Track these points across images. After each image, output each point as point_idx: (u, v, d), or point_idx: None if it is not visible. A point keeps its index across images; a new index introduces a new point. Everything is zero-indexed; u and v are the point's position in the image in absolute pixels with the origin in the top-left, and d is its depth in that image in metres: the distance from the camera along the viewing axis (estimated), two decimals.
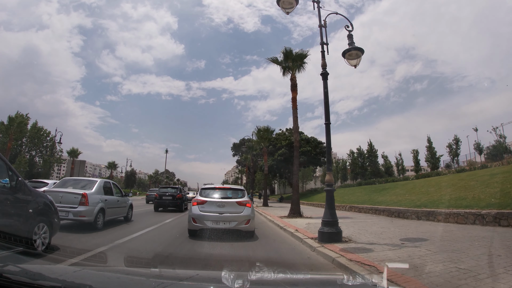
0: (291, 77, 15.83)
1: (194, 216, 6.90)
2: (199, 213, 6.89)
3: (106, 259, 4.11)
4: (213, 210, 6.90)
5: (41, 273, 1.67)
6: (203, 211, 6.90)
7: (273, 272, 1.84)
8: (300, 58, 15.77)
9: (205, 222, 6.79)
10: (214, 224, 6.80)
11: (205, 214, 6.85)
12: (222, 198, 7.22)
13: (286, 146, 37.73)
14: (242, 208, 7.03)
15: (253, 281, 1.76)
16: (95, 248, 5.12)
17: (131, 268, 2.78)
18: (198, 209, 6.94)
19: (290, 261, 5.12)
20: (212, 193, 7.43)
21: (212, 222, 6.80)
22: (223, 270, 1.84)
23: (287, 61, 15.89)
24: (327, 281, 2.10)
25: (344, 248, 5.38)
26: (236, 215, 6.92)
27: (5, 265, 1.62)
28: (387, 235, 7.04)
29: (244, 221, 6.91)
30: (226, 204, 7.03)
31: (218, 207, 6.96)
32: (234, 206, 7.01)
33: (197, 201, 7.09)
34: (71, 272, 2.01)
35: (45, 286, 1.43)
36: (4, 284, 1.40)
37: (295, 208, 13.85)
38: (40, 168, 37.71)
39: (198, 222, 6.83)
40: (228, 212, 6.92)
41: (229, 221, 6.83)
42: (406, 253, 4.85)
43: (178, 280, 1.85)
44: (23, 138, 38.15)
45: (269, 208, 21.78)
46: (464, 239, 5.99)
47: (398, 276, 3.46)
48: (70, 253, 4.58)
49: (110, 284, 1.79)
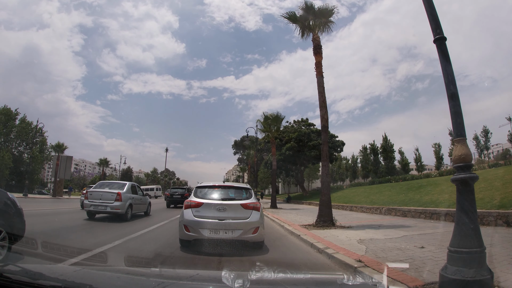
0: (313, 37, 12.07)
1: (186, 223, 5.44)
2: (192, 219, 5.41)
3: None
4: (211, 215, 5.43)
5: (42, 273, 1.67)
6: (198, 216, 5.44)
7: (273, 271, 1.84)
8: (324, 14, 12.12)
9: (200, 231, 5.32)
10: (213, 234, 5.32)
11: (200, 221, 5.38)
12: (222, 200, 5.74)
13: (295, 140, 33.43)
14: (249, 213, 5.54)
15: (253, 281, 1.75)
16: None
17: (131, 268, 2.78)
18: (192, 213, 5.48)
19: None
20: (210, 193, 5.97)
21: (210, 231, 5.33)
22: (223, 270, 1.84)
23: (308, 18, 12.25)
24: (327, 281, 2.10)
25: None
26: (241, 221, 5.45)
27: (6, 265, 1.63)
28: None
29: (251, 229, 5.44)
30: (228, 207, 5.54)
31: (218, 211, 5.48)
32: (239, 209, 5.55)
33: (190, 204, 5.62)
34: (71, 271, 2.02)
35: (46, 285, 1.43)
36: (4, 283, 1.40)
37: (326, 214, 9.55)
38: (28, 165, 34.15)
39: (191, 231, 5.37)
40: (231, 217, 5.45)
41: (232, 230, 5.36)
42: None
43: (179, 280, 1.85)
44: (11, 134, 35.49)
45: (280, 211, 17.71)
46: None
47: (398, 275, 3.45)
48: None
49: (110, 283, 1.79)
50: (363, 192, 21.63)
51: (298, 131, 34.04)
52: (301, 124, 36.61)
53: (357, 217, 12.76)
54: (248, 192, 6.08)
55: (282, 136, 33.78)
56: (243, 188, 6.21)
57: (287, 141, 33.64)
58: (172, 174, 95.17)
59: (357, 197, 20.48)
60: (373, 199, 17.60)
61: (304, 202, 29.83)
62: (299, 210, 18.19)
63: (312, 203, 25.31)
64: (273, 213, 15.83)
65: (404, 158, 31.22)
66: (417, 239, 6.21)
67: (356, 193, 23.01)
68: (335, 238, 6.77)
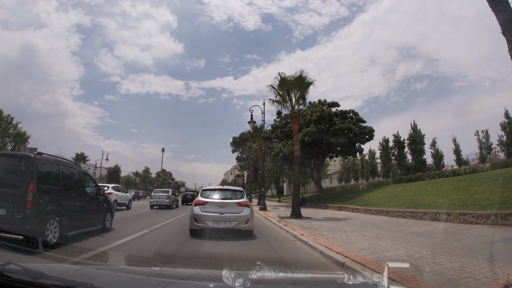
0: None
1: (195, 216, 7.21)
2: (200, 213, 7.22)
3: None
4: (214, 211, 7.24)
5: (42, 272, 1.67)
6: (204, 211, 7.24)
7: (273, 271, 1.84)
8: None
9: (206, 222, 7.12)
10: (215, 224, 7.15)
11: (206, 214, 7.18)
12: (222, 199, 7.56)
13: (315, 122, 25.45)
14: (242, 209, 7.36)
15: (253, 280, 1.75)
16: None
17: (131, 267, 2.78)
18: (200, 209, 7.29)
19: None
20: (213, 194, 7.77)
21: (213, 222, 7.14)
22: (223, 269, 1.84)
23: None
24: (328, 280, 2.10)
25: None
26: (236, 215, 7.25)
27: (6, 264, 1.62)
28: None
29: (243, 220, 7.23)
30: (227, 204, 7.37)
31: (219, 207, 7.31)
32: (234, 206, 7.35)
33: (198, 202, 7.45)
34: (72, 271, 2.01)
35: (46, 284, 1.43)
36: (5, 283, 1.40)
37: None
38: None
39: (199, 222, 7.15)
40: (229, 212, 7.26)
41: (230, 221, 7.16)
42: None
43: (179, 279, 1.85)
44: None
45: (314, 228, 8.94)
46: None
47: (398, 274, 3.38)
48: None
49: (111, 282, 1.79)
50: (403, 192, 16.98)
51: (321, 111, 25.82)
52: (319, 106, 27.20)
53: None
54: (241, 194, 7.92)
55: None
56: (237, 190, 8.14)
57: (303, 125, 25.03)
58: (168, 174, 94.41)
59: (401, 199, 15.38)
60: (430, 200, 12.93)
61: (330, 206, 21.01)
62: (342, 221, 11.51)
63: (345, 208, 18.60)
64: (308, 232, 7.92)
65: (438, 150, 26.09)
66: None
67: (394, 194, 17.56)
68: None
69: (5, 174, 5.41)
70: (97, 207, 7.44)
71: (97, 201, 7.52)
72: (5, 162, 5.59)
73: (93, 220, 7.14)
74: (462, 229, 7.91)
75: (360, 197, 20.38)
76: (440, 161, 26.23)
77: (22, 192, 5.13)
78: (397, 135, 28.28)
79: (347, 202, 20.27)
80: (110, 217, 8.09)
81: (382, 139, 29.49)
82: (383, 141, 29.35)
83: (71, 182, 6.58)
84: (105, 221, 7.68)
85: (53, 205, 5.64)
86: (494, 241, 6.08)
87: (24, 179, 5.26)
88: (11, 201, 5.07)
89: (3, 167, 5.48)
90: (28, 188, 5.15)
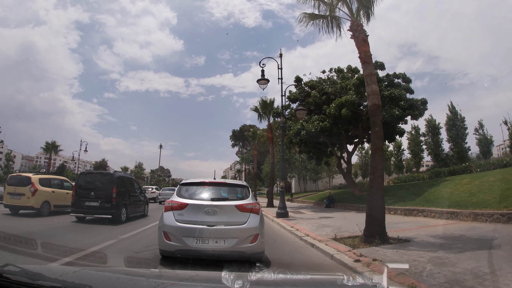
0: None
1: (166, 229, 4.37)
2: (174, 224, 4.35)
3: None
4: (198, 220, 4.34)
5: (41, 273, 1.67)
6: (181, 221, 4.36)
7: (273, 272, 1.84)
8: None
9: (184, 240, 4.22)
10: (200, 243, 4.20)
11: (184, 226, 4.30)
12: (213, 200, 4.60)
13: (357, 88, 16.60)
14: (246, 216, 4.48)
15: (253, 282, 1.75)
16: None
17: (131, 269, 2.78)
18: (174, 217, 4.41)
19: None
20: (198, 191, 4.82)
21: (196, 240, 4.21)
22: (223, 271, 1.84)
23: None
24: (327, 281, 2.10)
25: None
26: (237, 227, 4.38)
27: (5, 265, 1.62)
28: None
29: (248, 237, 4.35)
30: (220, 209, 4.45)
31: (207, 214, 4.38)
32: (233, 212, 4.49)
33: (171, 205, 4.52)
34: (71, 272, 2.02)
35: (45, 286, 1.43)
36: (4, 284, 1.40)
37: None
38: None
39: (173, 240, 4.29)
40: (223, 222, 4.36)
41: (225, 238, 4.27)
42: None
43: (178, 281, 1.85)
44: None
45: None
46: None
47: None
48: None
49: (110, 284, 1.79)
50: (481, 185, 11.36)
51: (344, 82, 18.12)
52: (339, 76, 19.54)
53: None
54: (244, 191, 4.95)
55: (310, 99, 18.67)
56: (238, 185, 5.12)
57: (332, 96, 18.51)
58: (167, 172, 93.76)
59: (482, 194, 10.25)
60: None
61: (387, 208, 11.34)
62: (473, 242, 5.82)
63: (419, 212, 11.50)
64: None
65: (486, 136, 20.60)
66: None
67: (478, 186, 11.40)
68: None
69: (101, 183, 9.69)
70: (141, 202, 11.99)
71: (141, 198, 12.07)
72: (101, 176, 10.35)
73: (139, 209, 11.68)
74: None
75: (428, 193, 13.39)
76: (489, 149, 20.98)
77: (110, 193, 9.41)
78: (431, 118, 23.16)
79: (411, 202, 13.04)
80: (147, 207, 12.73)
81: (411, 125, 23.68)
82: (412, 128, 24.14)
83: (130, 186, 11.16)
84: (145, 210, 12.41)
85: (123, 200, 10.02)
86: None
87: (111, 186, 9.58)
88: (103, 197, 9.32)
89: (100, 179, 9.96)
90: (113, 191, 9.47)
